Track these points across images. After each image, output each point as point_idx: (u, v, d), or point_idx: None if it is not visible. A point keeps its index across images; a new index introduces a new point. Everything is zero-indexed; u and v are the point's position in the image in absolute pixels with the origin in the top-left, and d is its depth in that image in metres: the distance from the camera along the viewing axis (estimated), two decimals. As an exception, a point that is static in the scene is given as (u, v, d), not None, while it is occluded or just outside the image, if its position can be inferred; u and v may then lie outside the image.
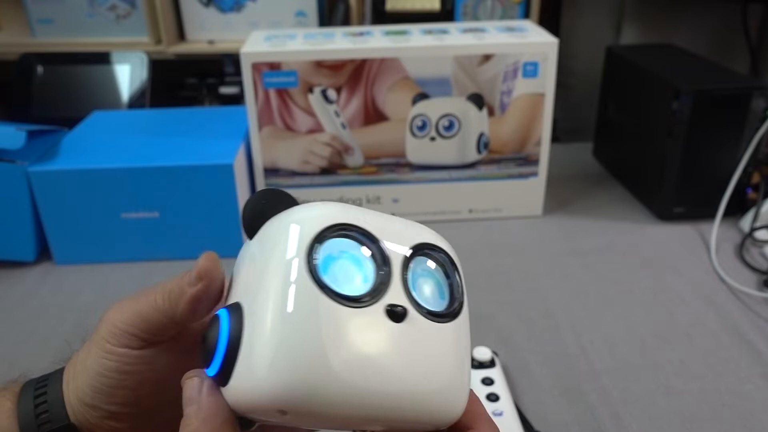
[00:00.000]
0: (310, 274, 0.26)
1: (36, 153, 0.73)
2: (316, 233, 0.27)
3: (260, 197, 0.29)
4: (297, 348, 0.25)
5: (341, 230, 0.27)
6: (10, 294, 0.70)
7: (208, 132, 0.80)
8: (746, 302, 0.67)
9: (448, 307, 0.28)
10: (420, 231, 0.30)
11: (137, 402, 0.32)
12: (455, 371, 0.27)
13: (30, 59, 1.05)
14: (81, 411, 0.32)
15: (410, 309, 0.27)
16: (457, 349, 0.28)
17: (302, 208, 0.29)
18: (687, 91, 0.75)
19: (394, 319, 0.26)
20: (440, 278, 0.29)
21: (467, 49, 0.76)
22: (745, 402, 0.54)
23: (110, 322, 0.31)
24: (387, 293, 0.27)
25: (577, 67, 1.21)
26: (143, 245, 0.75)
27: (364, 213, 0.29)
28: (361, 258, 0.27)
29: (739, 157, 0.78)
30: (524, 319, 0.65)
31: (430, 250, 0.29)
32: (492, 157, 0.81)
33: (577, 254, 0.76)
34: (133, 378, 0.31)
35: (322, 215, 0.28)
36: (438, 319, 0.28)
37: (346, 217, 0.28)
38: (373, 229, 0.28)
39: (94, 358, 0.31)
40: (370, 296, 0.26)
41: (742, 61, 1.13)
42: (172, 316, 0.31)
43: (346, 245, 0.27)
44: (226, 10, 1.08)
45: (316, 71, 0.75)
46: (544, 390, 0.56)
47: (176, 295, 0.30)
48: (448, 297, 0.29)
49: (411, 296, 0.27)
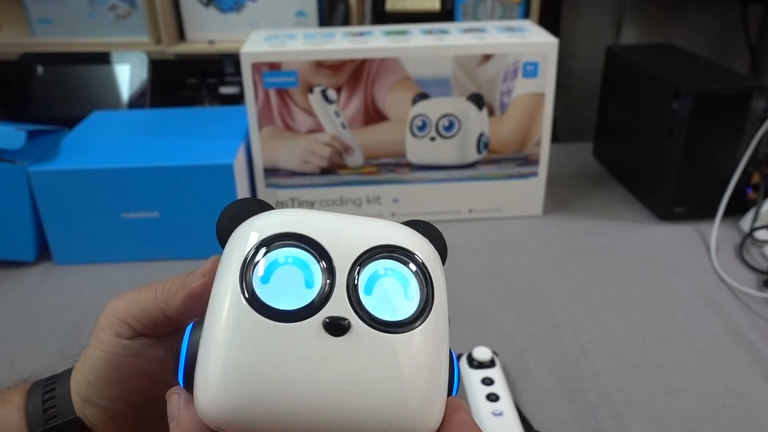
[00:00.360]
0: (243, 291, 0.25)
1: (36, 153, 0.73)
2: (254, 245, 0.26)
3: (229, 208, 0.29)
4: (233, 367, 0.25)
5: (286, 239, 0.26)
6: (10, 294, 0.70)
7: (208, 132, 0.80)
8: (746, 302, 0.67)
9: (407, 315, 0.26)
10: (387, 233, 0.28)
11: (127, 397, 0.32)
12: (415, 384, 0.25)
13: (30, 59, 1.05)
14: (81, 406, 0.33)
15: (355, 321, 0.25)
16: (417, 360, 0.26)
17: (255, 219, 0.28)
18: (687, 91, 0.75)
19: (333, 332, 0.25)
20: (404, 283, 0.27)
21: (467, 49, 0.76)
22: (745, 402, 0.54)
23: (107, 311, 0.32)
24: (328, 305, 0.25)
25: (577, 67, 1.21)
26: (143, 245, 0.75)
27: (322, 218, 0.28)
28: (306, 268, 0.26)
29: (739, 157, 0.78)
30: (524, 319, 0.65)
31: (392, 253, 0.27)
32: (492, 157, 0.81)
33: (577, 254, 0.76)
34: (122, 370, 0.32)
35: (269, 224, 0.27)
36: (392, 329, 0.25)
37: (293, 225, 0.27)
38: (321, 236, 0.26)
39: (89, 351, 0.32)
40: (308, 310, 0.25)
41: (742, 61, 1.13)
42: (166, 308, 0.31)
43: (292, 254, 0.26)
44: (226, 10, 1.08)
45: (316, 71, 0.75)
46: (544, 390, 0.56)
47: (175, 288, 0.31)
48: (410, 304, 0.26)
49: (358, 306, 0.26)
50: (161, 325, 0.32)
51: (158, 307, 0.31)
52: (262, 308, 0.25)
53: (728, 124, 0.77)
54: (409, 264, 0.27)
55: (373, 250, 0.27)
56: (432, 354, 0.26)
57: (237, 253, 0.26)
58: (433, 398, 0.26)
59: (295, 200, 0.82)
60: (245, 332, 0.25)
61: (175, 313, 0.31)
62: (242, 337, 0.25)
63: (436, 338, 0.26)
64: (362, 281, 0.26)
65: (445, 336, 0.27)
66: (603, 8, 1.20)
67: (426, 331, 0.26)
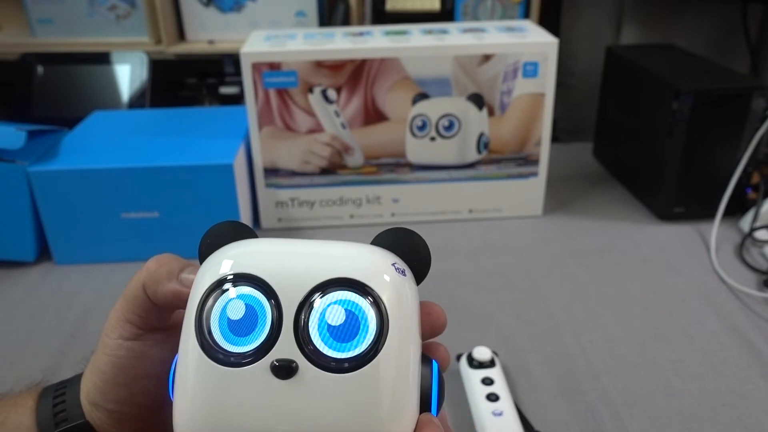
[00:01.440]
0: (197, 336, 0.26)
1: (36, 153, 0.73)
2: (209, 287, 0.27)
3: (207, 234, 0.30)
4: (193, 411, 0.26)
5: (238, 280, 0.26)
6: (10, 294, 0.70)
7: (208, 132, 0.80)
8: (746, 302, 0.67)
9: (356, 353, 0.25)
10: (340, 264, 0.27)
11: (132, 400, 0.32)
12: (370, 417, 0.25)
13: (30, 59, 1.05)
14: (89, 411, 0.33)
15: (302, 362, 0.25)
16: (371, 395, 0.25)
17: (219, 253, 0.28)
18: (687, 91, 0.75)
19: (280, 375, 0.25)
20: (356, 317, 0.26)
21: (467, 49, 0.76)
22: (745, 402, 0.54)
23: (110, 315, 0.33)
24: (276, 347, 0.25)
25: (577, 67, 1.21)
26: (143, 245, 0.75)
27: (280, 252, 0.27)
28: (257, 308, 0.26)
29: (739, 157, 0.78)
30: (524, 319, 0.65)
31: (342, 287, 0.26)
32: (492, 157, 0.81)
33: (577, 254, 0.76)
34: (127, 373, 0.32)
35: (225, 263, 0.27)
36: (341, 368, 0.25)
37: (246, 264, 0.27)
38: (271, 275, 0.26)
39: (96, 356, 0.33)
40: (257, 353, 0.25)
41: (742, 61, 1.13)
42: (147, 287, 0.31)
43: (244, 294, 0.26)
44: (226, 10, 1.08)
45: (316, 71, 0.75)
46: (544, 390, 0.56)
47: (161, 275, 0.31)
48: (361, 341, 0.26)
49: (306, 346, 0.25)
50: (148, 309, 0.32)
51: (139, 288, 0.32)
52: (213, 353, 0.26)
53: (728, 124, 0.77)
54: (361, 295, 0.26)
55: (323, 286, 0.26)
56: (391, 383, 0.26)
57: (197, 292, 0.27)
58: (393, 426, 0.26)
59: (295, 200, 0.82)
60: (200, 378, 0.26)
61: (158, 300, 0.31)
62: (198, 382, 0.26)
63: (398, 367, 0.26)
64: (313, 319, 0.26)
65: (411, 360, 0.27)
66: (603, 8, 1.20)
67: (382, 363, 0.25)
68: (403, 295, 0.27)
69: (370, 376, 0.25)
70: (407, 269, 0.29)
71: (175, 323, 0.34)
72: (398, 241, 0.29)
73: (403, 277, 0.28)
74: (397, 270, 0.28)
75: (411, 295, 0.28)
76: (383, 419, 0.25)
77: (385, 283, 0.27)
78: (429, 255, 0.29)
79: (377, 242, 0.29)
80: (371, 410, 0.25)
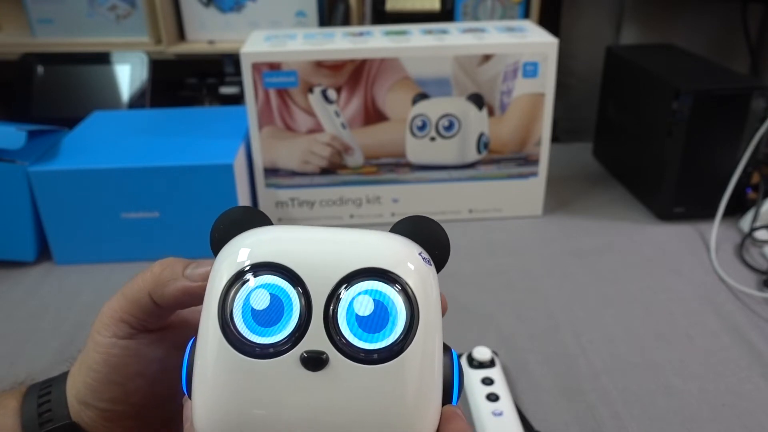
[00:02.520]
0: (222, 327, 0.25)
1: (36, 153, 0.73)
2: (232, 276, 0.26)
3: (220, 220, 0.28)
4: (217, 404, 0.25)
5: (264, 269, 0.26)
6: (10, 294, 0.70)
7: (208, 132, 0.80)
8: (746, 302, 0.67)
9: (387, 344, 0.25)
10: (369, 253, 0.26)
11: (126, 399, 0.32)
12: (401, 408, 0.25)
13: (30, 59, 1.05)
14: (78, 410, 0.32)
15: (333, 353, 0.25)
16: (401, 385, 0.25)
17: (238, 241, 0.27)
18: (687, 91, 0.75)
19: (310, 367, 0.24)
20: (386, 307, 0.25)
21: (467, 49, 0.76)
22: (745, 402, 0.54)
23: (102, 313, 0.32)
24: (306, 338, 0.25)
25: (577, 67, 1.21)
26: (143, 245, 0.75)
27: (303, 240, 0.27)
28: (284, 299, 0.25)
29: (739, 157, 0.78)
30: (524, 319, 0.65)
31: (372, 276, 0.25)
32: (492, 157, 0.81)
33: (577, 254, 0.76)
34: (120, 372, 0.31)
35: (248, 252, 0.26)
36: (373, 359, 0.25)
37: (271, 253, 0.26)
38: (298, 263, 0.25)
39: (86, 354, 0.32)
40: (285, 344, 0.25)
41: (742, 61, 1.13)
42: (153, 292, 0.31)
43: (270, 284, 0.25)
44: (226, 10, 1.08)
45: (316, 71, 0.75)
46: (544, 390, 0.56)
47: (166, 277, 0.31)
48: (392, 332, 0.25)
49: (337, 337, 0.25)
50: (151, 313, 0.31)
51: (145, 292, 0.31)
52: (239, 345, 0.25)
53: (728, 124, 0.77)
54: (390, 285, 0.26)
55: (352, 276, 0.25)
56: (417, 375, 0.25)
57: (217, 282, 0.26)
58: (421, 416, 0.26)
59: (295, 200, 0.82)
60: (224, 369, 0.25)
61: (165, 302, 0.31)
62: (222, 374, 0.25)
63: (424, 358, 0.26)
64: (341, 310, 0.25)
65: (436, 351, 0.26)
66: (603, 8, 1.20)
67: (411, 354, 0.25)
68: (430, 285, 0.27)
69: (401, 368, 0.25)
70: (430, 258, 0.28)
71: (171, 323, 0.34)
72: (418, 229, 0.29)
73: (429, 266, 0.27)
74: (423, 259, 0.27)
75: (435, 284, 0.27)
76: (411, 410, 0.25)
77: (413, 272, 0.26)
78: (449, 243, 0.29)
79: (396, 231, 0.29)
80: (400, 401, 0.25)
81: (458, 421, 0.27)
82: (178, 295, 0.30)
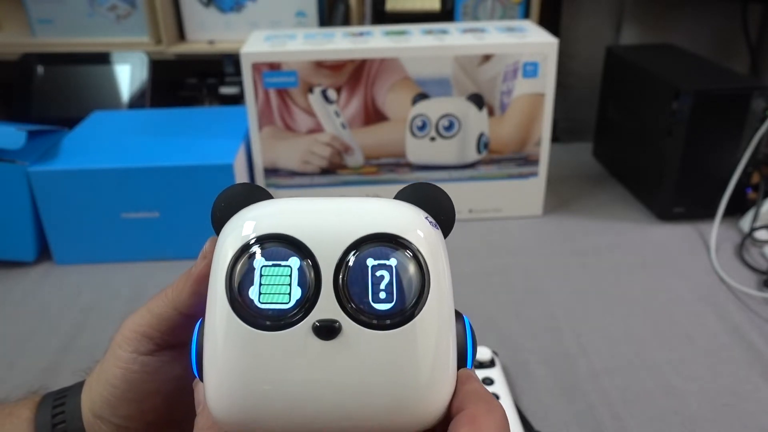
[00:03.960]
0: (230, 301, 0.25)
1: (36, 153, 0.73)
2: (238, 250, 0.25)
3: (221, 197, 0.28)
4: (231, 380, 0.25)
5: (269, 240, 0.25)
6: (10, 294, 0.70)
7: (208, 132, 0.80)
8: (746, 302, 0.67)
9: (399, 309, 0.25)
10: (375, 219, 0.26)
11: (141, 416, 0.31)
12: (417, 372, 0.25)
13: (30, 59, 1.05)
14: (92, 423, 0.32)
15: (345, 321, 0.24)
16: (415, 350, 0.25)
17: (242, 215, 0.27)
18: (687, 91, 0.75)
19: (323, 336, 0.24)
20: (397, 272, 0.25)
21: (467, 49, 0.76)
22: (745, 402, 0.54)
23: (124, 327, 0.32)
24: (317, 307, 0.24)
25: (577, 67, 1.21)
26: (143, 245, 0.75)
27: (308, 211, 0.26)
28: (292, 269, 0.25)
29: (739, 157, 0.78)
30: (524, 319, 0.65)
31: (381, 242, 0.25)
32: (492, 157, 0.81)
33: (577, 254, 0.76)
34: (138, 389, 0.31)
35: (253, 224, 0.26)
36: (385, 325, 0.25)
37: (276, 225, 0.25)
38: (305, 234, 0.25)
39: (105, 367, 0.32)
40: (296, 314, 0.24)
41: (742, 61, 1.13)
42: (177, 304, 0.30)
43: (276, 256, 0.25)
44: (226, 10, 1.08)
45: (316, 71, 0.75)
46: (544, 390, 0.56)
47: (182, 283, 0.31)
48: (403, 296, 0.25)
49: (348, 305, 0.25)
50: (178, 326, 0.31)
51: (171, 307, 0.31)
52: (249, 318, 0.24)
53: (728, 124, 0.77)
54: (399, 250, 0.25)
55: (360, 242, 0.25)
56: (433, 339, 0.25)
57: (222, 257, 0.26)
58: (438, 380, 0.25)
59: (295, 200, 0.82)
60: (235, 344, 0.25)
61: (187, 306, 0.30)
62: (234, 350, 0.25)
63: (437, 321, 0.25)
64: (351, 277, 0.25)
65: (448, 314, 0.26)
66: (603, 8, 1.20)
67: (424, 319, 0.25)
68: (438, 249, 0.27)
69: (415, 331, 0.25)
70: (436, 223, 0.28)
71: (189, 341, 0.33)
72: (422, 195, 0.28)
73: (436, 230, 0.27)
74: (430, 223, 0.27)
75: (444, 248, 0.27)
76: (428, 374, 0.25)
77: (421, 236, 0.26)
78: (453, 209, 0.29)
79: (400, 197, 0.28)
80: (416, 366, 0.25)
81: (474, 382, 0.26)
82: (194, 289, 0.30)
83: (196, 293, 0.30)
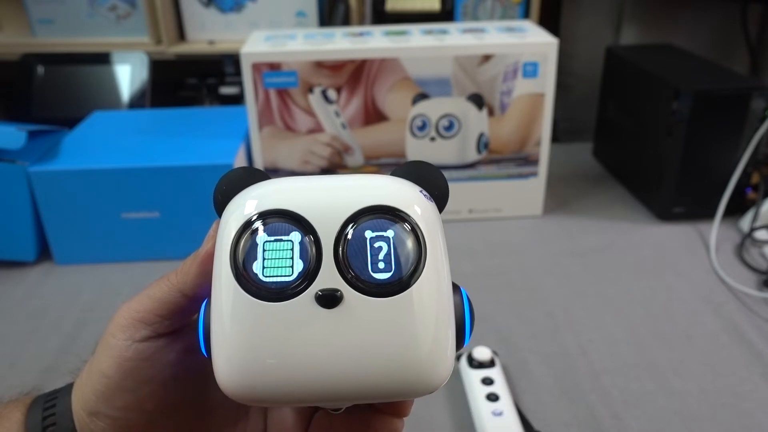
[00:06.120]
0: (235, 276, 0.26)
1: (36, 153, 0.73)
2: (240, 226, 0.26)
3: (222, 181, 0.29)
4: (238, 352, 0.26)
5: (270, 216, 0.26)
6: (10, 294, 0.70)
7: (208, 132, 0.80)
8: (746, 302, 0.67)
9: (398, 277, 0.26)
10: (372, 192, 0.27)
11: (139, 406, 0.31)
12: (418, 340, 0.26)
13: (30, 59, 1.05)
14: (86, 422, 0.31)
15: (347, 290, 0.25)
16: (416, 317, 0.26)
17: (243, 195, 0.28)
18: (687, 91, 0.75)
19: (326, 305, 0.25)
20: (394, 243, 0.26)
21: (467, 49, 0.76)
22: (745, 402, 0.54)
23: (118, 316, 0.31)
24: (318, 278, 0.26)
25: (577, 67, 1.21)
26: (143, 245, 0.75)
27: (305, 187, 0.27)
28: (294, 242, 0.26)
29: (739, 157, 0.78)
30: (524, 319, 0.65)
31: (378, 213, 0.26)
32: (492, 157, 0.81)
33: (577, 254, 0.76)
34: (133, 377, 0.31)
35: (253, 202, 0.27)
36: (385, 292, 0.26)
37: (276, 201, 0.27)
38: (304, 208, 0.26)
39: (97, 360, 0.31)
40: (299, 285, 0.26)
41: (742, 61, 1.13)
42: (183, 287, 0.31)
43: (278, 230, 0.26)
44: (226, 10, 1.08)
45: (316, 71, 0.75)
46: (544, 390, 0.56)
47: (188, 265, 0.31)
48: (401, 264, 0.26)
49: (349, 274, 0.26)
50: (180, 310, 0.31)
51: (176, 290, 0.31)
52: (255, 290, 0.26)
53: (728, 124, 0.77)
54: (397, 222, 0.26)
55: (358, 214, 0.26)
56: (433, 308, 0.26)
57: (226, 235, 0.27)
58: (440, 348, 0.26)
59: (295, 200, 0.82)
60: (242, 316, 0.26)
61: (192, 288, 0.31)
62: (241, 322, 0.26)
63: (436, 288, 0.26)
64: (351, 247, 0.26)
65: (445, 287, 0.27)
66: (603, 8, 1.20)
67: (423, 284, 0.26)
68: (434, 220, 0.28)
69: (415, 298, 0.26)
70: (431, 197, 0.29)
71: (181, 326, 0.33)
72: (417, 171, 0.29)
73: (431, 203, 0.28)
74: (425, 197, 0.28)
75: (439, 220, 0.28)
76: (429, 341, 0.26)
77: (417, 208, 0.27)
78: (447, 186, 0.30)
79: (396, 174, 0.30)
80: (417, 332, 0.26)
81: None
82: (200, 270, 0.30)
83: (202, 273, 0.30)
